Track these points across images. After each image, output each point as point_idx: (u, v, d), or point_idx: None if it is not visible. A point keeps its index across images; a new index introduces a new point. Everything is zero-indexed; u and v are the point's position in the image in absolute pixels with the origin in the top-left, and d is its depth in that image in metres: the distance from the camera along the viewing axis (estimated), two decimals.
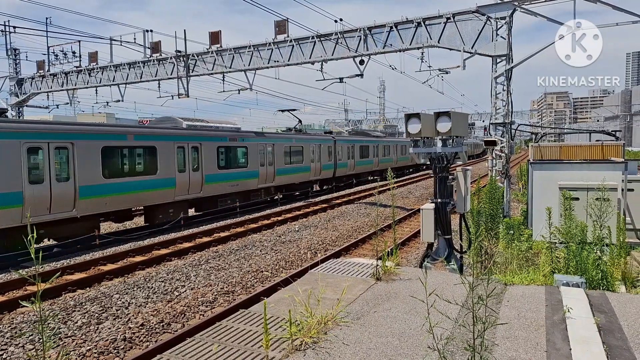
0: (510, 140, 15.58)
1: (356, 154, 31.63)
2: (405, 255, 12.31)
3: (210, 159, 18.22)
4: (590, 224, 7.01)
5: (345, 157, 30.03)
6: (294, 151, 24.17)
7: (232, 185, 19.47)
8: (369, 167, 34.40)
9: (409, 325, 4.54)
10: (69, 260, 11.94)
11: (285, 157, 23.30)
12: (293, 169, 23.98)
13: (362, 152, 32.77)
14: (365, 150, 33.48)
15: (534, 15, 14.75)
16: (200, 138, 17.85)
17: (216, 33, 21.22)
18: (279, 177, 22.76)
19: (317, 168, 26.18)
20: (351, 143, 31.25)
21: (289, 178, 23.75)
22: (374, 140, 36.10)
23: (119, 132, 15.06)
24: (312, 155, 25.61)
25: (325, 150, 27.11)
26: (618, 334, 4.25)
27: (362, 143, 33.23)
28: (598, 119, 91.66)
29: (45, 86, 27.15)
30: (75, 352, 6.56)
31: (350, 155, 30.77)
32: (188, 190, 17.00)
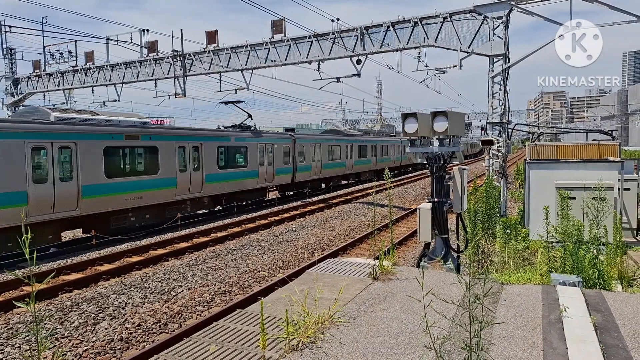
0: (507, 139, 15.62)
1: (323, 156, 27.40)
2: (402, 254, 12.32)
3: (92, 164, 13.54)
4: (587, 223, 7.03)
5: (309, 159, 25.76)
6: (233, 152, 19.84)
7: (132, 199, 14.70)
8: (340, 170, 30.25)
9: (406, 325, 4.54)
10: (65, 260, 11.90)
11: (220, 160, 18.80)
12: (232, 174, 19.39)
13: (331, 153, 28.57)
14: (335, 151, 29.23)
15: (531, 14, 14.78)
16: (70, 136, 13.16)
17: (213, 32, 21.19)
18: (210, 185, 17.89)
19: (268, 173, 21.98)
20: (316, 142, 26.82)
21: (225, 186, 18.98)
22: (347, 139, 31.73)
23: None
24: (262, 157, 21.44)
25: (280, 152, 22.91)
26: (614, 332, 4.26)
27: (331, 143, 28.89)
28: (594, 119, 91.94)
29: (42, 86, 27.05)
30: (72, 353, 6.53)
31: (315, 157, 26.44)
32: (53, 209, 12.50)
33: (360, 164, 33.19)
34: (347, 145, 31.23)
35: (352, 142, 32.25)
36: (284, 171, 23.45)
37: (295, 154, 24.45)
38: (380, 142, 37.43)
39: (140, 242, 13.90)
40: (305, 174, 25.60)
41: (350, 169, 31.81)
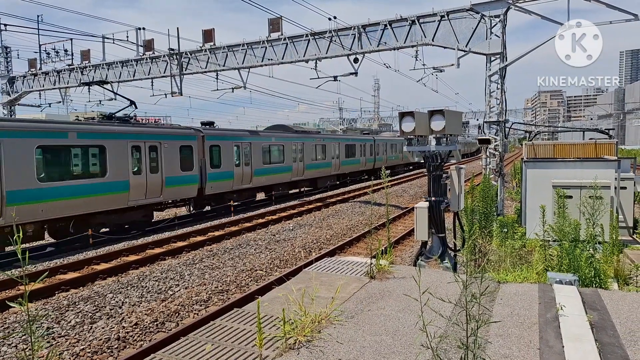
0: (504, 138, 15.64)
1: (256, 158, 21.23)
2: (399, 253, 12.33)
3: None
4: (584, 222, 7.05)
5: (230, 163, 19.53)
6: (89, 155, 14.04)
7: None
8: (284, 176, 23.73)
9: (402, 324, 4.55)
10: (62, 259, 11.86)
11: (67, 166, 13.37)
12: (80, 187, 13.29)
13: (269, 155, 22.59)
14: (276, 153, 23.22)
15: (528, 13, 14.80)
16: None
17: (209, 31, 21.13)
18: (28, 207, 11.89)
19: (155, 183, 15.62)
20: (242, 141, 20.41)
21: (70, 205, 12.92)
22: (296, 137, 25.22)
23: None
24: (138, 162, 15.22)
25: (176, 155, 16.51)
26: (610, 331, 4.27)
27: (269, 142, 22.55)
28: (591, 117, 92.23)
29: (37, 84, 26.92)
30: (69, 352, 6.51)
31: (241, 160, 20.26)
32: None
33: (316, 167, 26.81)
34: (296, 144, 24.83)
35: (304, 140, 25.80)
36: (184, 181, 16.78)
37: (205, 157, 18.10)
38: (345, 141, 31.51)
39: (137, 241, 13.86)
40: (223, 183, 19.15)
41: (299, 175, 25.09)
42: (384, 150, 38.64)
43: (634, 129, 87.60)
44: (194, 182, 17.46)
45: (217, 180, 18.70)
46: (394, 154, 41.32)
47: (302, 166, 25.53)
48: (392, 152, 40.80)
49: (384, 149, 38.68)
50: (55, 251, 12.95)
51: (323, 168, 27.91)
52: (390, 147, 40.69)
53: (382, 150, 37.95)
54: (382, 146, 38.29)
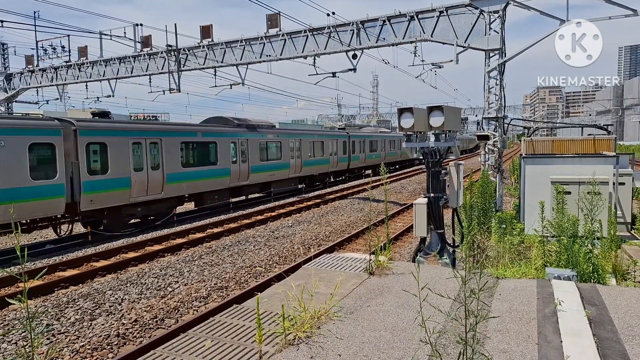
0: (503, 134, 15.64)
1: (167, 161, 16.13)
2: (398, 250, 12.36)
3: None
4: (582, 218, 7.06)
5: (122, 167, 14.55)
6: None
7: None
8: (218, 182, 18.67)
9: (401, 319, 4.56)
10: (61, 257, 11.86)
11: None
12: None
13: (190, 154, 17.64)
14: (201, 152, 18.14)
15: (527, 8, 14.76)
16: None
17: (207, 27, 21.05)
18: None
19: None
20: (140, 137, 15.36)
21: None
22: (233, 133, 19.91)
23: None
24: None
25: (21, 156, 11.97)
26: (608, 326, 4.29)
27: (188, 138, 17.57)
28: (590, 113, 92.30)
29: (35, 81, 26.82)
30: (69, 349, 6.53)
31: (141, 163, 15.24)
32: None
33: (266, 170, 21.81)
34: (234, 141, 19.75)
35: (248, 136, 20.61)
36: (29, 194, 12.08)
37: (77, 159, 13.31)
38: (309, 137, 26.34)
39: (136, 238, 13.86)
40: (114, 194, 14.28)
41: (240, 179, 19.85)
42: (361, 148, 33.79)
43: (633, 125, 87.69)
44: (56, 195, 12.67)
45: (101, 191, 13.88)
46: (376, 153, 36.69)
47: (246, 169, 20.36)
48: (372, 150, 36.06)
49: (361, 147, 33.77)
50: (54, 248, 12.95)
51: (277, 170, 22.65)
52: (370, 144, 35.66)
53: (359, 148, 33.26)
54: (359, 143, 33.32)
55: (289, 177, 24.31)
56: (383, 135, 39.52)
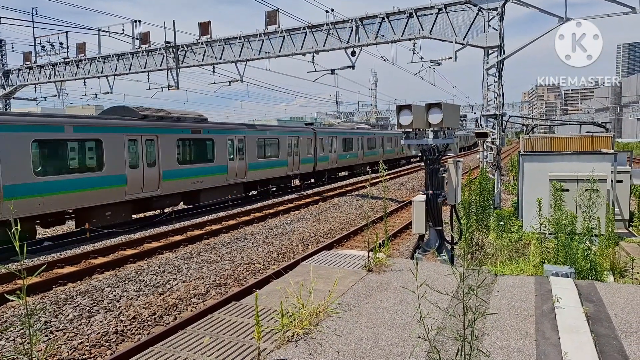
0: (502, 132, 15.65)
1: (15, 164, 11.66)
2: (396, 247, 12.37)
3: None
4: (580, 215, 7.08)
5: None
6: None
7: None
8: (101, 194, 13.83)
9: (400, 316, 4.57)
10: (59, 253, 11.84)
11: None
12: None
13: (62, 156, 13.24)
14: (94, 154, 13.96)
15: (526, 6, 14.75)
16: None
17: (206, 24, 20.99)
18: None
19: None
20: None
21: None
22: (129, 127, 15.00)
23: None
24: None
25: None
26: (606, 322, 4.31)
27: (50, 134, 12.77)
28: (588, 111, 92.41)
29: (33, 78, 26.72)
30: (67, 346, 6.53)
31: None
32: None
33: (193, 175, 17.29)
34: (137, 139, 15.05)
35: (158, 132, 15.77)
36: None
37: None
38: (257, 134, 21.63)
39: (135, 235, 13.85)
40: None
41: (147, 188, 15.29)
42: (332, 147, 28.98)
43: (630, 123, 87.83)
44: None
45: None
46: (351, 152, 31.94)
47: (156, 175, 15.68)
48: (347, 148, 31.13)
49: (332, 145, 28.97)
50: (53, 245, 12.93)
51: (206, 176, 17.92)
52: (344, 142, 30.71)
53: (329, 147, 28.62)
54: (329, 141, 28.66)
55: (227, 184, 19.26)
56: (361, 132, 35.35)
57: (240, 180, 20.32)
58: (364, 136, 35.16)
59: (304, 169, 25.82)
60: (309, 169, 26.49)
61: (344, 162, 31.10)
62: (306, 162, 25.88)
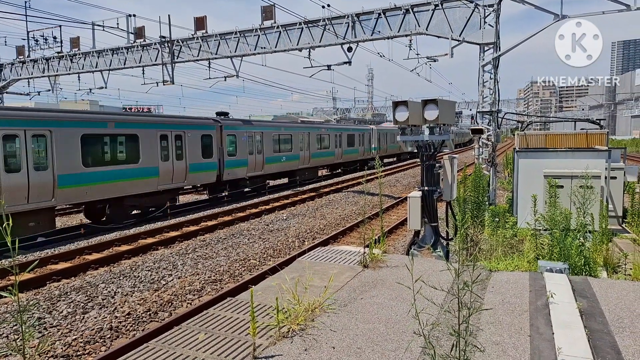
0: (497, 128, 15.69)
1: None
2: (392, 243, 12.40)
3: None
4: (574, 211, 7.11)
5: None
6: None
7: None
8: None
9: (395, 312, 4.58)
10: (53, 249, 11.78)
11: None
12: None
13: None
14: None
15: (522, 2, 14.75)
16: None
17: (201, 18, 20.84)
18: None
19: None
20: None
21: None
22: None
23: None
24: None
25: None
26: (599, 318, 4.33)
27: None
28: (583, 108, 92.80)
29: (26, 72, 26.47)
30: (61, 342, 6.50)
31: None
32: None
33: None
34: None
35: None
36: None
37: None
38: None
39: (129, 231, 13.80)
40: None
41: None
42: (251, 148, 21.50)
43: (625, 120, 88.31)
44: None
45: None
46: (288, 154, 24.70)
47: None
48: (280, 149, 24.04)
49: (250, 146, 21.41)
50: (47, 241, 12.86)
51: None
52: (274, 141, 23.56)
53: (246, 148, 21.07)
54: (246, 140, 21.15)
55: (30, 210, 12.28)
56: (306, 127, 27.86)
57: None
58: (312, 132, 27.64)
59: (193, 179, 18.05)
60: (208, 178, 18.80)
61: (276, 166, 23.66)
62: (199, 169, 18.05)
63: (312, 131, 28.01)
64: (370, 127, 39.85)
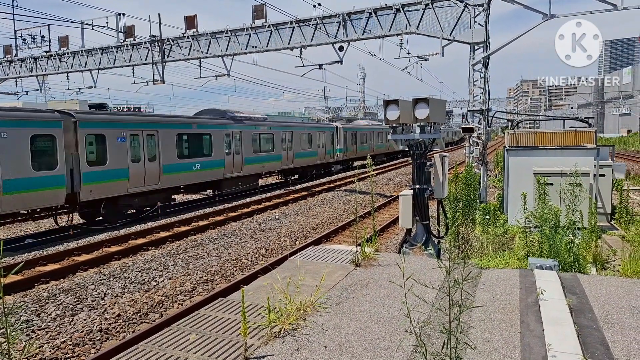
0: (487, 127, 15.78)
1: None
2: (384, 241, 12.42)
3: None
4: (564, 209, 7.17)
5: None
6: None
7: None
8: None
9: (387, 310, 4.58)
10: (41, 251, 11.63)
11: None
12: None
13: None
14: None
15: (511, 2, 14.85)
16: None
17: (192, 17, 20.71)
18: None
19: None
20: None
21: None
22: None
23: None
24: None
25: None
26: (589, 314, 4.37)
27: None
28: (572, 106, 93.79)
29: (13, 72, 26.10)
30: (49, 345, 6.41)
31: None
32: None
33: None
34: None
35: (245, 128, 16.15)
36: None
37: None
38: None
39: (119, 232, 13.67)
40: None
41: None
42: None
43: (613, 118, 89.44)
44: None
45: None
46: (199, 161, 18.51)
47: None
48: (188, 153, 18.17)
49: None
50: (35, 243, 12.69)
51: None
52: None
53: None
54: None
55: None
56: (234, 124, 21.09)
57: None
58: (244, 131, 21.55)
59: (19, 203, 12.52)
60: (43, 200, 13.09)
61: (184, 177, 17.92)
62: (24, 187, 12.41)
63: (246, 129, 21.77)
64: (334, 124, 34.04)
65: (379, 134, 41.28)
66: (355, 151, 35.67)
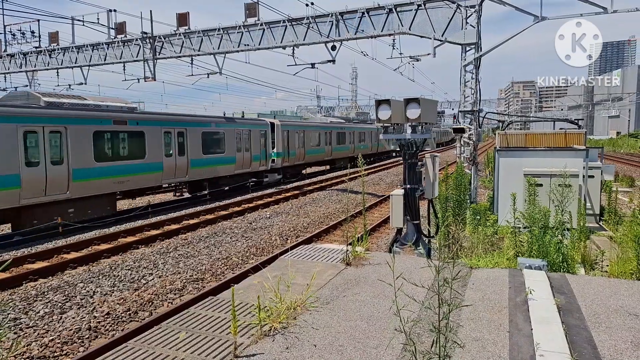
0: (478, 127, 15.88)
1: None
2: (375, 240, 12.45)
3: None
4: (553, 209, 7.24)
5: None
6: None
7: None
8: None
9: (377, 309, 4.59)
10: (30, 248, 11.50)
11: None
12: None
13: None
14: None
15: (503, 4, 14.95)
16: None
17: (184, 14, 20.58)
18: None
19: None
20: None
21: None
22: None
23: None
24: None
25: None
26: (577, 314, 4.42)
27: None
28: (562, 108, 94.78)
29: (2, 67, 25.74)
30: (37, 343, 6.35)
31: None
32: None
33: None
34: None
35: None
36: None
37: None
38: None
39: (109, 230, 13.56)
40: None
41: None
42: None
43: (602, 120, 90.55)
44: None
45: None
46: None
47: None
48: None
49: None
50: (23, 240, 12.54)
51: None
52: None
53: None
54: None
55: None
56: (86, 117, 14.36)
57: None
58: (99, 127, 14.74)
59: None
60: None
61: None
62: None
63: (102, 125, 14.85)
64: (267, 120, 25.36)
65: (338, 134, 32.77)
66: (303, 156, 28.49)
